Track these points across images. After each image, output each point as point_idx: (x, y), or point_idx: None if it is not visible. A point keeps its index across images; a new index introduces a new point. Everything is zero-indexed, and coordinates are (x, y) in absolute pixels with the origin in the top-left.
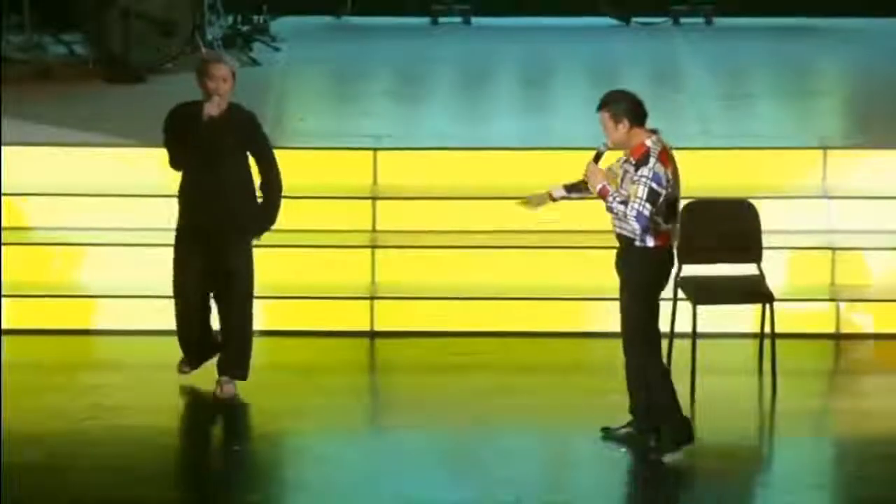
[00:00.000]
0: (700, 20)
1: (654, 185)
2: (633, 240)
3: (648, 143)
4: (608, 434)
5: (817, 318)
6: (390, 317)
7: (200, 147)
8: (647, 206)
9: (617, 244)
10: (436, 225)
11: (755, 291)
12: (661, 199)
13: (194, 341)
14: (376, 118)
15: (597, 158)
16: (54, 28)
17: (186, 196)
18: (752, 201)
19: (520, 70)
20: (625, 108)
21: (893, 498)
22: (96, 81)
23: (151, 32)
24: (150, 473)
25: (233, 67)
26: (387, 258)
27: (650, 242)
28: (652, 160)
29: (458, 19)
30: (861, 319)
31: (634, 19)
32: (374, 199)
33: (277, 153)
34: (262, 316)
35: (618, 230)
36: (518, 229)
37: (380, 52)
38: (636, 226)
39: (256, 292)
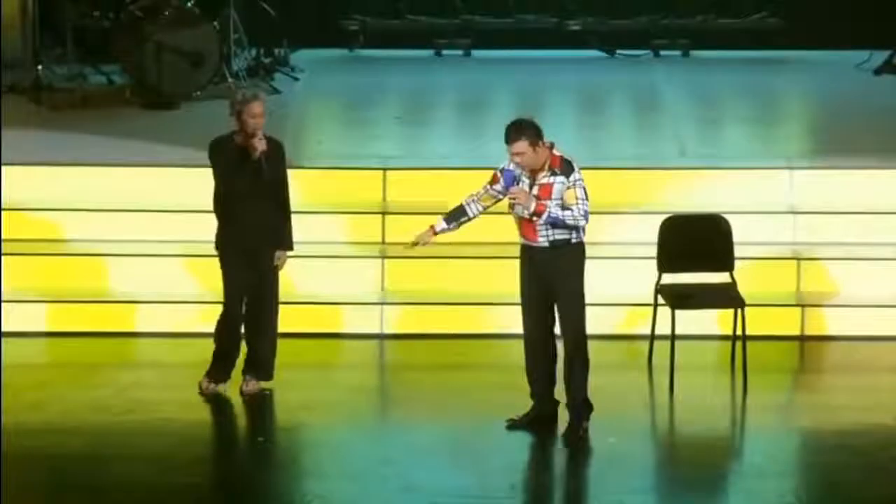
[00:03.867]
0: (678, 53)
1: (585, 185)
2: (568, 240)
3: (557, 153)
4: (514, 424)
5: (784, 321)
6: (398, 320)
7: (248, 178)
8: (587, 203)
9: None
10: (439, 237)
11: (728, 297)
12: None
13: (234, 348)
14: (385, 141)
15: (516, 183)
16: (95, 60)
17: (233, 221)
18: (724, 215)
19: (515, 97)
20: (536, 132)
21: (849, 482)
22: (132, 108)
23: (183, 64)
24: (184, 462)
25: (264, 100)
26: (395, 267)
27: (582, 237)
28: (575, 165)
29: (459, 52)
30: (824, 323)
31: (619, 52)
32: (383, 213)
33: (296, 173)
34: (282, 319)
35: (551, 238)
36: (513, 241)
37: (388, 82)
38: (583, 223)
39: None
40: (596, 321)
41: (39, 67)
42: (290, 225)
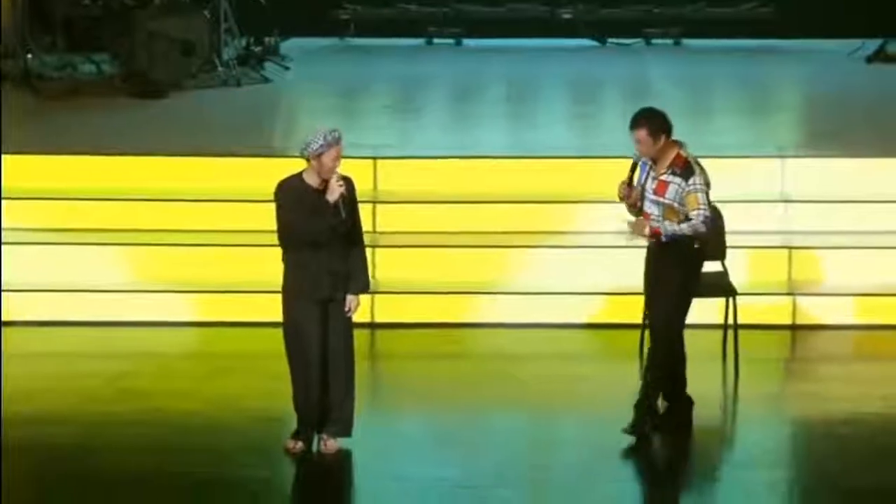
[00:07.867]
0: (669, 42)
1: (707, 189)
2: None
3: (683, 153)
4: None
5: (776, 310)
6: (389, 310)
7: (327, 226)
8: (708, 208)
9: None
10: (430, 226)
11: (720, 286)
12: None
13: (315, 402)
14: (376, 130)
15: (633, 169)
16: (84, 48)
17: (305, 270)
18: (716, 205)
19: (506, 86)
20: (660, 124)
21: (840, 471)
22: (122, 97)
23: (173, 52)
24: (176, 452)
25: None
26: (386, 256)
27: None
28: (697, 168)
29: (450, 41)
30: (815, 312)
31: (610, 41)
32: (374, 202)
33: (286, 162)
34: (272, 309)
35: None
36: (503, 230)
37: (379, 71)
38: (703, 230)
39: (267, 288)
40: (586, 310)
41: (29, 56)
42: (365, 264)
